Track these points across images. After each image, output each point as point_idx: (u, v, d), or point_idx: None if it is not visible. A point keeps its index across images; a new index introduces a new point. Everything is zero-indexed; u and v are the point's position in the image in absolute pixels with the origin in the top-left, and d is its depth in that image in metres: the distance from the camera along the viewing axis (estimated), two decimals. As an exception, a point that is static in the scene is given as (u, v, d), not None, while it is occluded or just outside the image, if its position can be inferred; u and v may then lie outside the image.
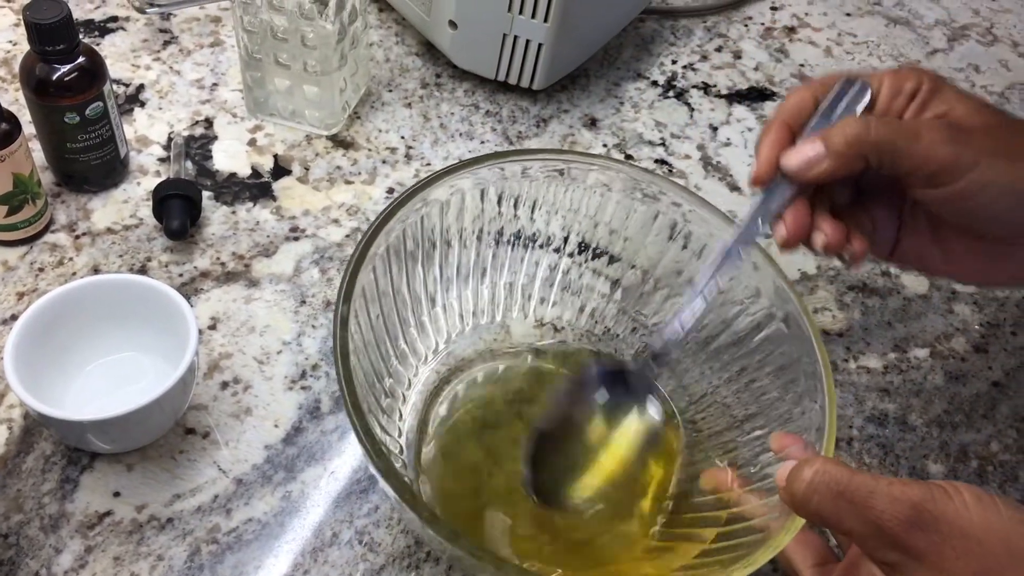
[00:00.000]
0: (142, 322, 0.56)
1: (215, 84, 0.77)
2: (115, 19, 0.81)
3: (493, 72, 0.77)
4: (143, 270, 0.64)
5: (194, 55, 0.79)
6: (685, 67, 0.85)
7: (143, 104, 0.75)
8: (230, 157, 0.72)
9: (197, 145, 0.72)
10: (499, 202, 0.57)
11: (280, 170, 0.71)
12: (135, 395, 0.50)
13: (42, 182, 0.63)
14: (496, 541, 0.52)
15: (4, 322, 0.60)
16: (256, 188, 0.70)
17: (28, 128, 0.65)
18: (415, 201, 0.53)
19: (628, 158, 0.76)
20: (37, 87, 0.61)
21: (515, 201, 0.57)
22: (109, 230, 0.66)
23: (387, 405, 0.53)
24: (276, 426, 0.57)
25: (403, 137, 0.75)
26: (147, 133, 0.73)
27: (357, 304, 0.49)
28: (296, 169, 0.72)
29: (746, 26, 0.91)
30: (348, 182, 0.71)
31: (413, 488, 0.50)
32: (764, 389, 0.52)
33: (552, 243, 0.60)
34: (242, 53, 0.71)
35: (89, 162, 0.65)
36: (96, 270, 0.63)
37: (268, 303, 0.63)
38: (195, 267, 0.64)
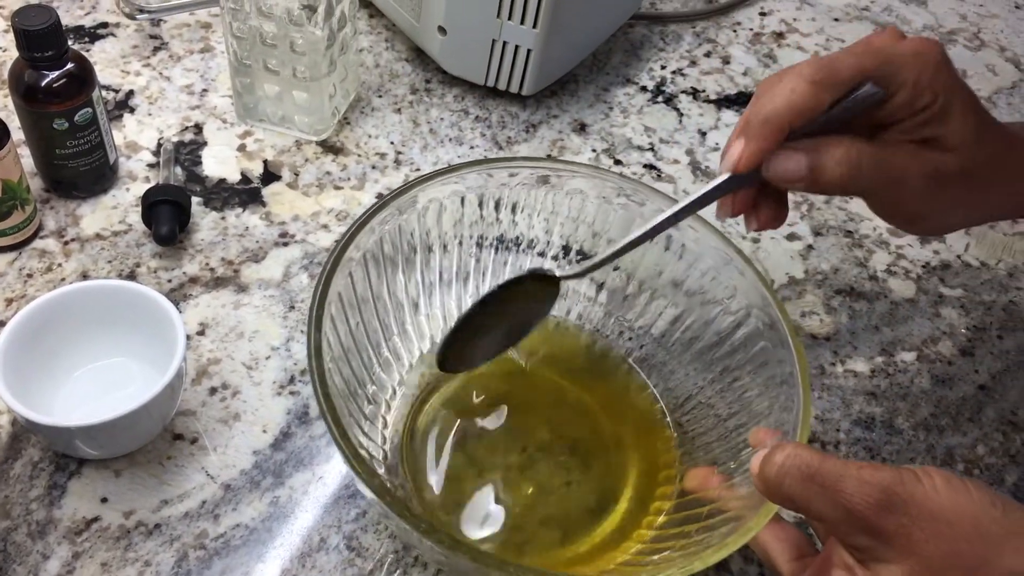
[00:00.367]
0: (131, 328, 0.56)
1: (205, 90, 0.77)
2: (105, 25, 0.81)
3: (483, 78, 0.77)
4: (132, 276, 0.64)
5: (184, 61, 0.79)
6: (674, 72, 0.86)
7: (133, 110, 0.75)
8: (219, 163, 0.72)
9: (186, 151, 0.72)
10: (480, 205, 0.57)
11: (270, 176, 0.72)
12: (123, 401, 0.50)
13: (31, 188, 0.63)
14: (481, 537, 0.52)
15: (-8, 328, 0.60)
16: (245, 194, 0.70)
17: (17, 134, 0.66)
18: (389, 210, 0.53)
19: (617, 163, 0.77)
20: (26, 93, 0.62)
21: (496, 203, 0.58)
22: (98, 236, 0.66)
23: (370, 412, 0.53)
24: (264, 431, 0.57)
25: (393, 142, 0.75)
26: (136, 139, 0.73)
27: (334, 309, 0.49)
28: (286, 175, 0.72)
29: (735, 31, 0.91)
30: (338, 187, 0.71)
31: (395, 492, 0.50)
32: (745, 387, 0.53)
33: (536, 246, 0.60)
34: (231, 59, 0.71)
35: (78, 168, 0.65)
36: (85, 276, 0.63)
37: (257, 308, 0.63)
38: (184, 273, 0.64)
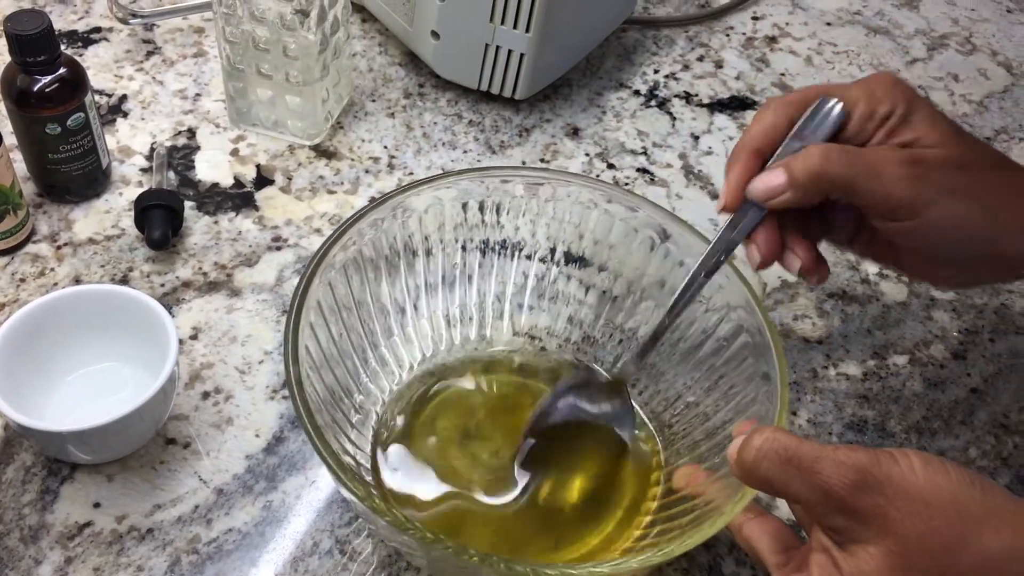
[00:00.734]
0: (123, 332, 0.56)
1: (198, 94, 0.77)
2: (98, 30, 0.81)
3: (476, 82, 0.78)
4: (125, 280, 0.64)
5: (177, 66, 0.80)
6: (667, 76, 0.86)
7: (126, 114, 0.75)
8: (213, 167, 0.72)
9: (180, 155, 0.73)
10: (464, 208, 0.58)
11: (263, 180, 0.72)
12: (116, 405, 0.50)
13: (24, 193, 0.63)
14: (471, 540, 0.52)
15: (-15, 333, 0.60)
16: (239, 198, 0.70)
17: (9, 139, 0.66)
18: (368, 220, 0.54)
19: (610, 167, 0.77)
20: (18, 98, 0.62)
21: (480, 206, 0.58)
22: (91, 240, 0.66)
23: (357, 420, 0.53)
24: (257, 436, 0.57)
25: (386, 147, 0.75)
26: (130, 143, 0.73)
27: (313, 316, 0.49)
28: (279, 179, 0.72)
29: (727, 36, 0.92)
30: (331, 192, 0.71)
31: (376, 497, 0.50)
32: (730, 383, 0.53)
33: (524, 248, 0.60)
34: (224, 63, 0.71)
35: (71, 172, 0.65)
36: (78, 280, 0.63)
37: (250, 313, 0.63)
38: (177, 277, 0.64)
